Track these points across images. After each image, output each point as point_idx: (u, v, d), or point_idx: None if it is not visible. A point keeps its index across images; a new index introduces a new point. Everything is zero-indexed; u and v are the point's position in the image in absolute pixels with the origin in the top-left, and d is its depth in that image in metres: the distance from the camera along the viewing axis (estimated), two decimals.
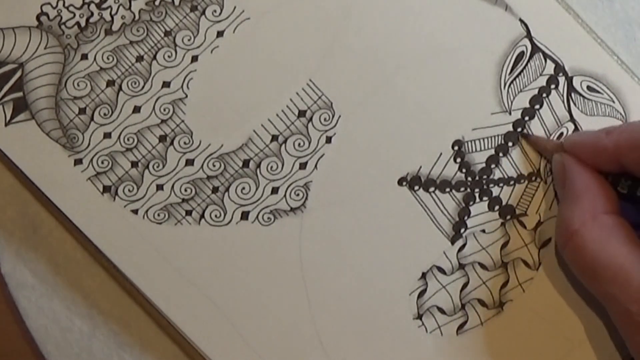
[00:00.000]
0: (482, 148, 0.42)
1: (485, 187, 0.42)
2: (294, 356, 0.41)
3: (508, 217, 0.42)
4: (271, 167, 0.42)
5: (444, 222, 0.41)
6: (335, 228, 0.41)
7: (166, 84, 0.42)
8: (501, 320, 0.41)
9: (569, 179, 0.39)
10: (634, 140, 0.37)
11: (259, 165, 0.42)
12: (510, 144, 0.42)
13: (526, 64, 0.43)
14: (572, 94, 0.42)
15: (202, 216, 0.41)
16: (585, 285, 0.38)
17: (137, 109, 0.42)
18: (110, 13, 0.43)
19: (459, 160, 0.42)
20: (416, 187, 0.42)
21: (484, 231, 0.41)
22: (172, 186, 0.42)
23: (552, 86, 0.42)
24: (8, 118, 0.42)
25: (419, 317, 0.41)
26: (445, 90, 0.42)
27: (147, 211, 0.41)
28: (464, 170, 0.42)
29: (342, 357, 0.41)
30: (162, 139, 0.42)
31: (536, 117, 0.42)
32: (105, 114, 0.42)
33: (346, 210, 0.41)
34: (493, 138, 0.42)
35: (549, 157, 0.41)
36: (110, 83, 0.42)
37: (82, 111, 0.42)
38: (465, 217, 0.42)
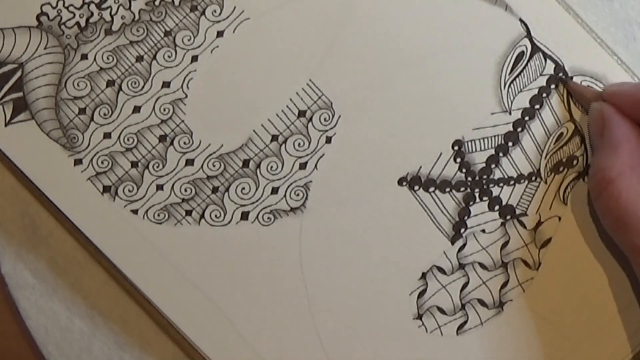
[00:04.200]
0: (482, 148, 0.42)
1: (485, 187, 0.42)
2: (293, 356, 0.41)
3: (508, 217, 0.42)
4: (271, 167, 0.42)
5: (444, 222, 0.41)
6: (335, 228, 0.41)
7: (166, 84, 0.42)
8: (501, 320, 0.41)
9: (609, 128, 0.39)
10: None
11: (259, 165, 0.42)
12: (510, 144, 0.42)
13: (526, 64, 0.43)
14: (572, 94, 0.42)
15: (202, 216, 0.41)
16: (612, 236, 0.38)
17: (137, 109, 0.42)
18: (110, 13, 0.43)
19: (459, 160, 0.42)
20: (416, 187, 0.42)
21: (484, 231, 0.41)
22: (172, 186, 0.42)
23: (552, 86, 0.42)
24: (8, 118, 0.42)
25: (419, 317, 0.41)
26: (445, 90, 0.42)
27: (147, 211, 0.41)
28: (464, 170, 0.42)
29: (342, 357, 0.41)
30: (162, 139, 0.42)
31: (536, 117, 0.42)
32: (105, 114, 0.42)
33: (346, 210, 0.41)
34: (493, 138, 0.42)
35: (586, 105, 0.41)
36: (110, 83, 0.42)
37: (82, 111, 0.42)
38: (465, 217, 0.41)
